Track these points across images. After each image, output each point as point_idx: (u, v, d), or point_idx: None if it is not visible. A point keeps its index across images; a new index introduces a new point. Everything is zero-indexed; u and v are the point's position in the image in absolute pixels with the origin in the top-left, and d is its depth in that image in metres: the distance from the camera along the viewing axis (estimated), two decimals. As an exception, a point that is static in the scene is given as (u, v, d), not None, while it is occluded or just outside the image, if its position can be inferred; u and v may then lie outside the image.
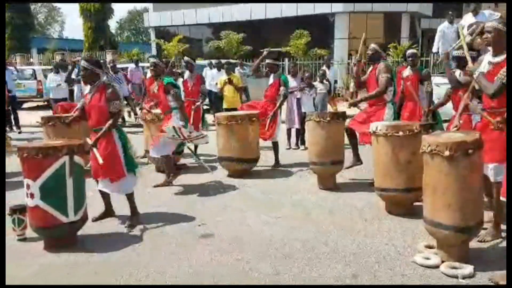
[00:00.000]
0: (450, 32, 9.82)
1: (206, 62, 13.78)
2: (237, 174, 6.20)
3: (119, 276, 3.36)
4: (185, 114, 5.76)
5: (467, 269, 3.20)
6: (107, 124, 4.20)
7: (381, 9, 21.28)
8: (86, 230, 4.12)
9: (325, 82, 8.73)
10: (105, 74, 4.67)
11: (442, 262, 3.32)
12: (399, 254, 3.60)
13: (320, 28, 21.51)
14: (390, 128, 4.39)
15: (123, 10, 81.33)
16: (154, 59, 6.01)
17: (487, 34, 3.62)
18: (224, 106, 8.87)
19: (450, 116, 5.19)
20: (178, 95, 5.69)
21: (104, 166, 4.20)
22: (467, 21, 8.08)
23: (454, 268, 3.23)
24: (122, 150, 4.29)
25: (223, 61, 11.14)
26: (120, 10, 73.79)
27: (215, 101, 11.03)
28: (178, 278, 3.32)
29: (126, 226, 4.34)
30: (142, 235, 4.14)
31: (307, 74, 8.49)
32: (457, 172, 3.22)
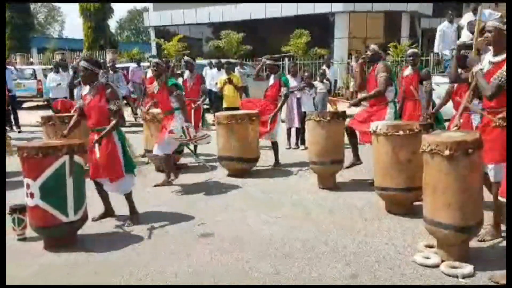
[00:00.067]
0: (450, 31, 9.84)
1: (206, 62, 13.77)
2: (237, 173, 6.20)
3: (119, 275, 3.35)
4: (188, 116, 5.78)
5: (467, 268, 3.20)
6: (111, 123, 4.22)
7: (381, 8, 21.26)
8: (86, 230, 4.12)
9: (325, 81, 8.74)
10: (104, 74, 4.69)
11: (442, 261, 3.32)
12: (399, 253, 3.60)
13: (320, 27, 21.50)
14: (390, 127, 4.39)
15: (123, 9, 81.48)
16: (156, 59, 6.04)
17: (488, 34, 3.62)
18: (224, 105, 8.86)
19: (450, 116, 5.19)
20: (181, 97, 5.72)
21: (103, 165, 4.22)
22: (467, 19, 8.09)
23: (454, 267, 3.23)
24: (121, 151, 4.32)
25: (223, 60, 11.14)
26: (120, 10, 73.69)
27: (215, 100, 11.03)
28: (178, 278, 3.32)
29: (125, 225, 4.36)
30: (142, 235, 4.14)
31: (307, 74, 8.48)
32: (457, 171, 3.22)
